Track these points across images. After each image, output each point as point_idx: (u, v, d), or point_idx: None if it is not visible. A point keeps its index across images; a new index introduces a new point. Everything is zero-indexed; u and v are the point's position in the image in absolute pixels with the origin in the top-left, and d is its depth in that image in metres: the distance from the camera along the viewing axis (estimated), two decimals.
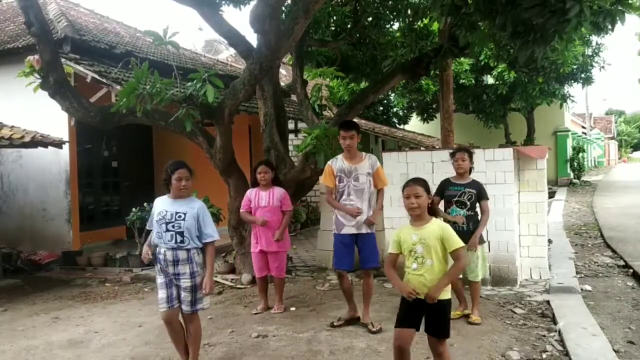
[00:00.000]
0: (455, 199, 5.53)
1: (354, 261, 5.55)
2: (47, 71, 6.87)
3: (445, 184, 5.66)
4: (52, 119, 9.20)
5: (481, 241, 5.61)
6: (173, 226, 4.25)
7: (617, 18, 5.42)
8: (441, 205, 5.64)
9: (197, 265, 4.33)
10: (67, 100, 7.07)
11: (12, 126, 9.03)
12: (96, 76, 8.83)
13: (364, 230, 5.40)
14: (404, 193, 3.69)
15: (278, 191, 6.23)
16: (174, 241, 4.25)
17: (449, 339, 4.86)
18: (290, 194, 7.46)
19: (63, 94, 7.03)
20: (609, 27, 5.51)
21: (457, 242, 3.58)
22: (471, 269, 5.52)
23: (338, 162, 5.53)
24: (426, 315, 3.61)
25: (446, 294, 3.62)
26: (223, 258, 8.50)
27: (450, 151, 5.88)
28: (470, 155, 5.63)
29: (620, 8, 5.34)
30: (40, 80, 6.92)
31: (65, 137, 9.50)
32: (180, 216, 4.27)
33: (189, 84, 6.13)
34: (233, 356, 4.75)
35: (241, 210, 6.38)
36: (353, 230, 5.41)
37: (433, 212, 3.78)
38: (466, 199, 5.51)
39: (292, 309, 6.20)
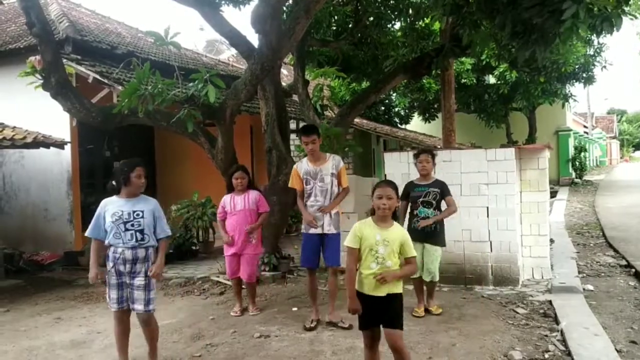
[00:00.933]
0: (421, 200, 5.72)
1: (319, 260, 5.73)
2: (48, 72, 6.87)
3: (410, 186, 5.86)
4: (54, 119, 9.21)
5: (442, 243, 5.84)
6: (132, 225, 4.28)
7: (615, 22, 5.42)
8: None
9: (151, 265, 4.38)
10: (69, 101, 7.08)
11: (14, 127, 9.04)
12: (98, 77, 8.83)
13: (325, 231, 5.57)
14: (375, 193, 3.74)
15: (253, 194, 6.20)
16: (134, 240, 4.28)
17: (450, 338, 4.89)
18: (292, 194, 7.46)
19: (65, 95, 7.03)
20: (608, 29, 5.50)
21: (413, 251, 3.75)
22: (429, 270, 5.71)
23: (303, 165, 5.68)
24: (386, 310, 3.66)
25: (398, 287, 3.70)
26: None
27: (414, 152, 6.01)
28: (433, 156, 5.87)
29: (619, 11, 5.34)
30: (41, 81, 6.93)
31: (67, 138, 9.50)
32: (138, 214, 4.30)
33: (191, 84, 6.13)
34: (235, 356, 4.75)
35: (219, 219, 6.29)
36: (319, 231, 5.58)
37: (395, 216, 3.84)
38: (431, 199, 5.71)
39: (294, 309, 6.20)
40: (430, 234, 5.70)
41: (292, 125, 12.88)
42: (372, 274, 3.63)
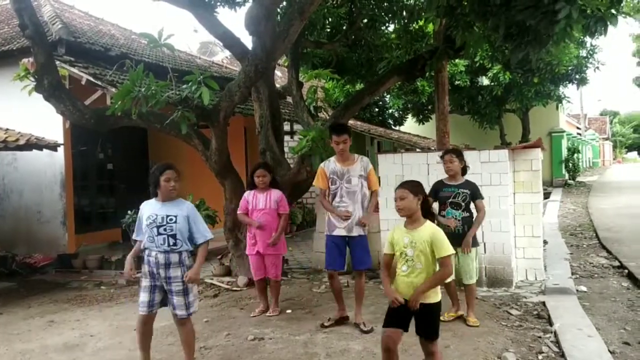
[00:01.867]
0: (449, 201, 5.50)
1: (345, 262, 5.59)
2: (41, 74, 6.85)
3: (439, 186, 5.63)
4: (47, 121, 9.17)
5: (475, 243, 5.57)
6: (165, 229, 4.25)
7: (609, 22, 5.45)
8: (436, 207, 5.58)
9: (188, 269, 4.34)
10: (62, 103, 7.05)
11: (7, 129, 8.99)
12: (91, 78, 8.80)
13: (355, 233, 5.45)
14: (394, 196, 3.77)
15: (275, 193, 6.22)
16: (166, 244, 4.25)
17: (444, 340, 4.90)
18: (286, 195, 7.46)
19: (58, 97, 7.01)
20: (602, 30, 5.53)
21: (446, 250, 3.57)
22: (465, 271, 5.49)
23: (330, 165, 5.58)
24: (415, 317, 3.65)
25: (436, 296, 3.65)
26: (219, 260, 8.49)
27: (440, 153, 5.86)
28: (460, 155, 5.61)
29: (612, 12, 5.37)
30: (34, 83, 6.90)
31: (60, 140, 9.47)
32: (171, 219, 4.27)
33: (184, 86, 6.11)
34: (229, 359, 4.74)
35: (238, 212, 6.31)
36: (344, 232, 5.46)
37: (429, 214, 3.78)
38: (460, 200, 5.48)
39: (288, 311, 6.19)
40: (461, 237, 5.39)
41: (286, 127, 12.89)
42: (405, 277, 3.64)
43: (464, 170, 5.67)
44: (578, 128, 43.86)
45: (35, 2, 10.77)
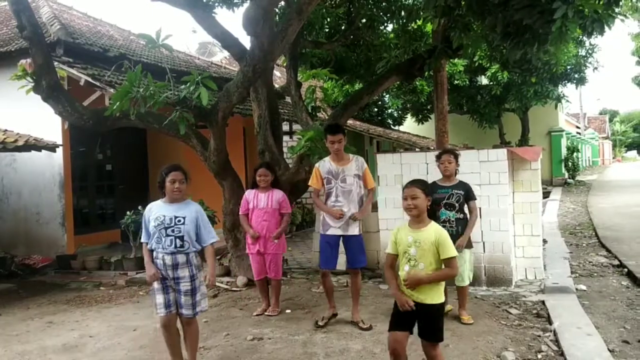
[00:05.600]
0: (443, 202, 5.52)
1: (337, 261, 5.63)
2: (39, 75, 6.84)
3: (433, 187, 5.54)
4: (46, 122, 9.16)
5: (469, 245, 5.60)
6: (173, 231, 4.23)
7: (606, 23, 5.45)
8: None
9: (195, 269, 4.33)
10: (60, 104, 7.04)
11: (5, 130, 8.98)
12: (89, 79, 8.79)
13: (350, 232, 5.49)
14: (403, 194, 3.71)
15: (277, 194, 6.19)
16: (173, 246, 4.23)
17: (442, 341, 4.89)
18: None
19: (56, 98, 7.00)
20: (598, 30, 5.53)
21: (452, 251, 3.56)
22: (458, 274, 5.52)
23: (325, 164, 5.61)
24: (419, 319, 3.61)
25: (439, 297, 3.61)
26: (218, 261, 8.48)
27: (436, 154, 5.89)
28: (456, 157, 5.66)
29: (609, 13, 5.37)
30: (32, 84, 6.90)
31: (59, 141, 9.46)
32: (179, 220, 4.25)
33: (183, 86, 6.11)
34: (228, 359, 4.74)
35: (240, 213, 6.29)
36: (339, 232, 5.50)
37: (433, 215, 3.77)
38: (454, 201, 5.52)
39: (288, 311, 6.19)
40: (455, 238, 5.31)
41: (285, 127, 12.88)
42: (405, 276, 3.61)
43: (455, 172, 5.71)
44: (577, 127, 43.89)
45: (34, 3, 10.77)
